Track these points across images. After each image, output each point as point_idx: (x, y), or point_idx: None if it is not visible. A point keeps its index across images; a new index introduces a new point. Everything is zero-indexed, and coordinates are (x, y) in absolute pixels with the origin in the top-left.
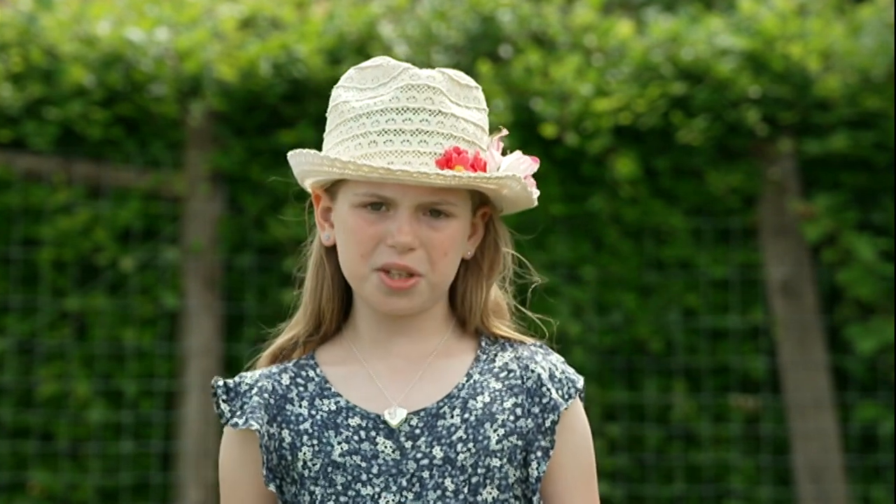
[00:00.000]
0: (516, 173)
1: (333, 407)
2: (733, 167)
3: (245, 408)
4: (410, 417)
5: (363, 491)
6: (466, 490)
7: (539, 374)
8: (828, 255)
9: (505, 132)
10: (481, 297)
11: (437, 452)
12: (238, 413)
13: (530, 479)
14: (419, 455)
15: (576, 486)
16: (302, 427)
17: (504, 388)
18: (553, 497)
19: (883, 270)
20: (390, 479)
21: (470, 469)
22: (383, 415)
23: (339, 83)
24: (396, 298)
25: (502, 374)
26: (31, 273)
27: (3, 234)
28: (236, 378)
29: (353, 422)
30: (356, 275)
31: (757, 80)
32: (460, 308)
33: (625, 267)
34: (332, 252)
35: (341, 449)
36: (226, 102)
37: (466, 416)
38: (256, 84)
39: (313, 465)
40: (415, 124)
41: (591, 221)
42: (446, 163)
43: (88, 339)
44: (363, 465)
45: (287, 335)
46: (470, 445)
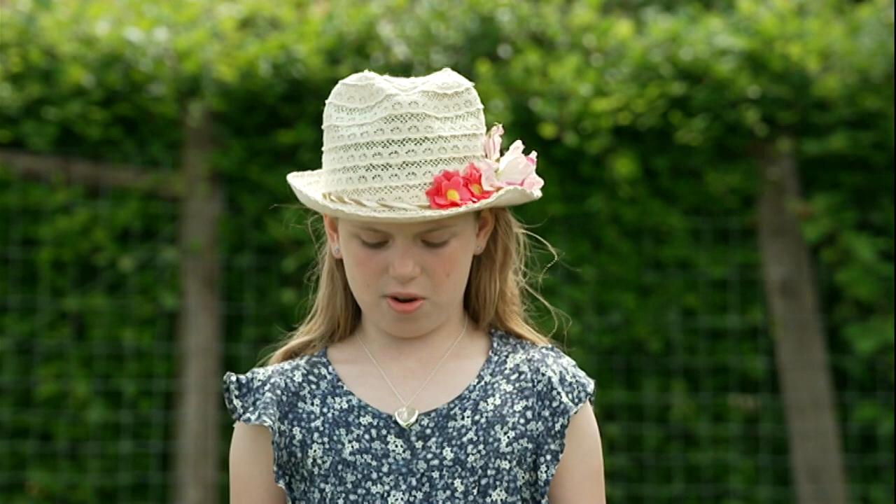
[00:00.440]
0: (514, 176)
1: (345, 405)
2: (732, 167)
3: (258, 403)
4: (421, 418)
5: (373, 489)
6: (476, 491)
7: (550, 378)
8: (827, 255)
9: (501, 131)
10: (495, 290)
11: (448, 453)
12: (250, 409)
13: (539, 483)
14: (429, 455)
15: (583, 490)
16: (313, 425)
17: (515, 391)
18: (561, 500)
19: (882, 270)
20: (400, 479)
21: (480, 471)
22: (395, 415)
23: (330, 98)
24: (406, 324)
25: (513, 377)
26: (30, 273)
27: (2, 234)
28: (248, 374)
29: (365, 420)
30: (364, 301)
31: (756, 80)
32: (474, 302)
33: (624, 267)
34: (342, 263)
35: (352, 447)
36: (225, 102)
37: (477, 417)
38: (255, 84)
39: (323, 462)
40: (401, 157)
41: (590, 221)
42: (437, 192)
43: (87, 339)
44: (373, 463)
45: (302, 339)
46: (480, 447)
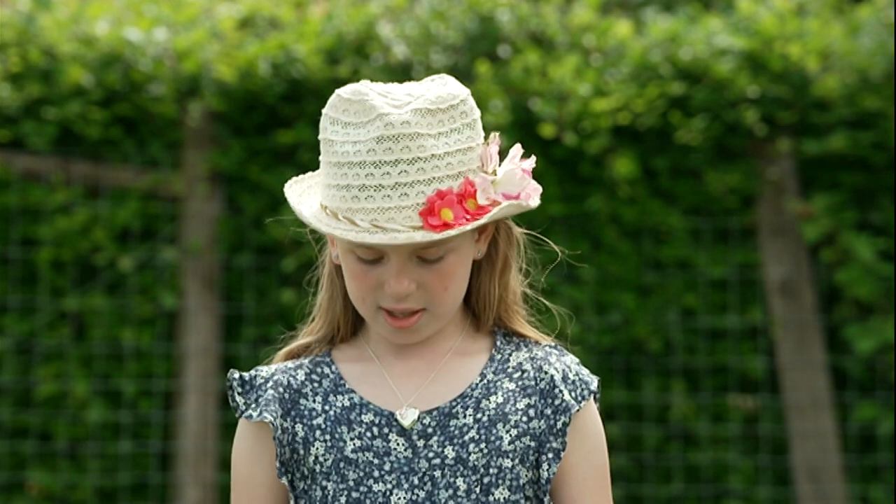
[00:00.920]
0: (510, 188)
1: (347, 403)
2: (732, 167)
3: (260, 400)
4: (423, 416)
5: (375, 487)
6: (478, 490)
7: (552, 376)
8: (826, 255)
9: (499, 141)
10: (496, 294)
11: (450, 452)
12: (252, 405)
13: (541, 481)
14: (431, 454)
15: (588, 488)
16: (315, 422)
17: (517, 389)
18: (566, 499)
19: (881, 270)
20: (402, 477)
21: (482, 469)
22: (396, 413)
23: (325, 109)
24: (404, 334)
25: (516, 375)
26: (29, 273)
27: (1, 234)
28: (252, 371)
29: (367, 418)
30: (362, 311)
31: (755, 80)
32: (475, 305)
33: (623, 267)
34: (341, 268)
35: (354, 445)
36: (224, 102)
37: (479, 416)
38: (255, 84)
39: (325, 460)
40: (394, 178)
41: (590, 221)
42: (430, 213)
43: (87, 339)
44: (375, 461)
45: (302, 341)
46: (482, 446)
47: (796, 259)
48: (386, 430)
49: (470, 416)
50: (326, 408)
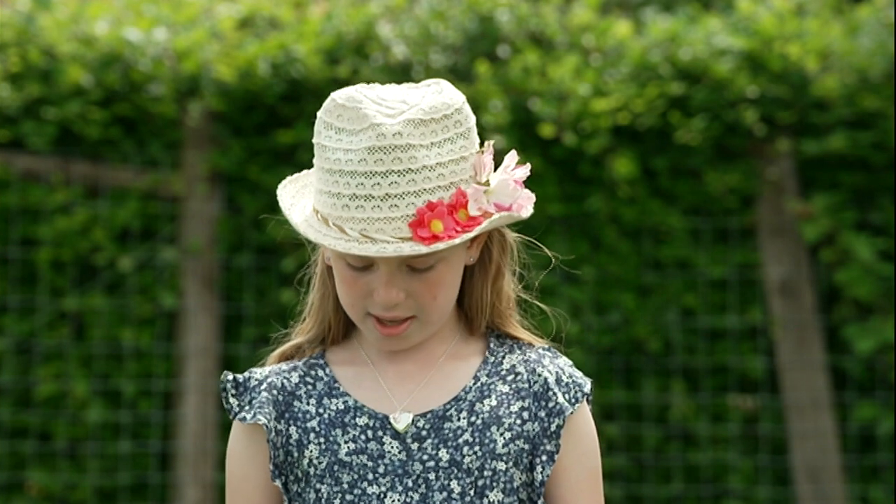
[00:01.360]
0: (503, 199)
1: (342, 406)
2: (731, 167)
3: (254, 402)
4: (417, 419)
5: (369, 490)
6: (472, 493)
7: (546, 378)
8: (826, 255)
9: (492, 151)
10: (488, 298)
11: (444, 455)
12: (246, 408)
13: (535, 483)
14: (425, 457)
15: (581, 490)
16: (309, 425)
17: (511, 392)
18: (558, 500)
19: (881, 270)
20: (396, 480)
21: (476, 472)
22: (390, 417)
23: (320, 113)
24: (392, 341)
25: (510, 377)
26: (29, 273)
27: (1, 233)
28: (246, 373)
29: (361, 421)
30: (352, 316)
31: (755, 80)
32: (468, 309)
33: (623, 267)
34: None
35: (348, 448)
36: (224, 102)
37: (473, 419)
38: (255, 84)
39: (319, 463)
40: (384, 189)
41: (590, 221)
42: (419, 224)
43: (87, 339)
44: (369, 464)
45: (294, 341)
46: (476, 448)
47: (796, 259)
48: (380, 434)
49: (464, 418)
50: (321, 410)
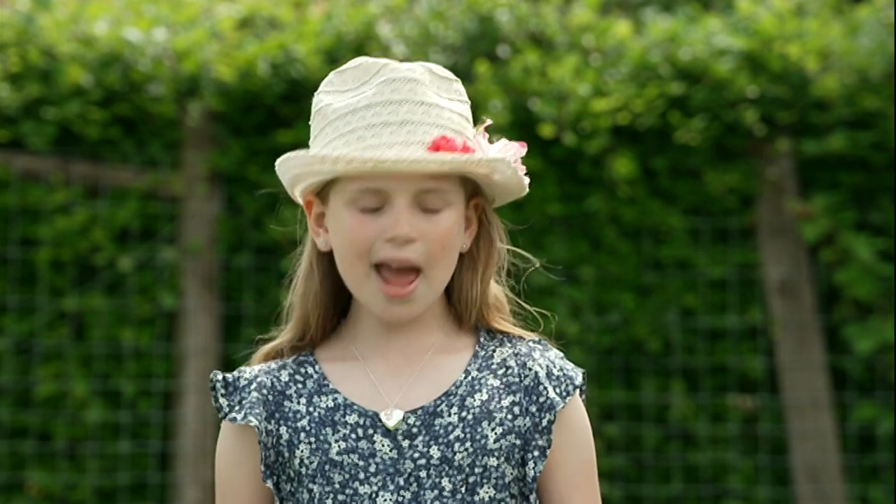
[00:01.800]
0: (505, 156)
1: (331, 404)
2: (731, 167)
3: (244, 403)
4: (408, 416)
5: (360, 489)
6: (464, 490)
7: (537, 372)
8: (826, 255)
9: (489, 121)
10: (478, 292)
11: (435, 452)
12: (237, 408)
13: (527, 479)
14: (416, 455)
15: (576, 483)
16: (299, 424)
17: (502, 386)
18: (553, 494)
19: (881, 270)
20: (388, 479)
21: (467, 468)
22: (381, 414)
23: (321, 88)
24: (397, 307)
25: (500, 371)
26: (28, 273)
27: (1, 234)
28: (235, 373)
29: (351, 419)
30: (355, 276)
31: (755, 80)
32: (457, 303)
33: (623, 267)
34: (323, 259)
35: (339, 447)
36: (224, 102)
37: (464, 414)
38: (254, 84)
39: (311, 462)
40: (401, 115)
41: (589, 221)
42: (436, 150)
43: (86, 339)
44: (360, 463)
45: (273, 343)
46: (467, 444)
47: (796, 259)
48: (371, 432)
49: (455, 414)
50: (311, 409)
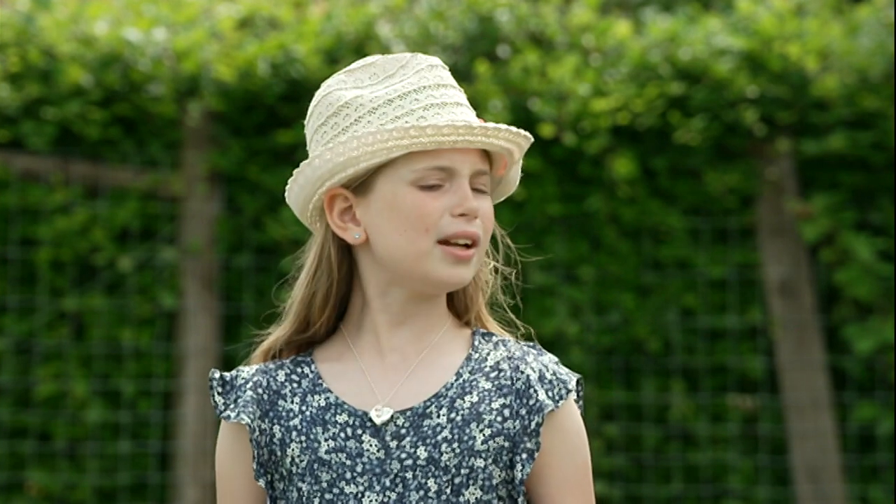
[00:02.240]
0: None
1: (323, 403)
2: (731, 167)
3: (238, 401)
4: (397, 417)
5: (347, 489)
6: (449, 491)
7: (528, 376)
8: (826, 255)
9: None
10: (476, 293)
11: (422, 453)
12: (231, 406)
13: (515, 481)
14: (403, 455)
15: (568, 488)
16: (291, 423)
17: (493, 388)
18: (545, 498)
19: (881, 270)
20: (374, 479)
21: (453, 469)
22: (370, 412)
23: (332, 87)
24: (461, 269)
25: (493, 374)
26: (28, 273)
27: (0, 234)
28: (233, 371)
29: (341, 419)
30: (416, 252)
31: (755, 80)
32: (458, 302)
33: (623, 267)
34: (346, 254)
35: (328, 446)
36: (224, 102)
37: (453, 415)
38: (254, 84)
39: (300, 461)
40: (454, 97)
41: (589, 221)
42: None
43: (86, 339)
44: (348, 462)
45: (272, 337)
46: (455, 445)
47: (795, 259)
48: (359, 432)
49: (443, 415)
50: (303, 408)
